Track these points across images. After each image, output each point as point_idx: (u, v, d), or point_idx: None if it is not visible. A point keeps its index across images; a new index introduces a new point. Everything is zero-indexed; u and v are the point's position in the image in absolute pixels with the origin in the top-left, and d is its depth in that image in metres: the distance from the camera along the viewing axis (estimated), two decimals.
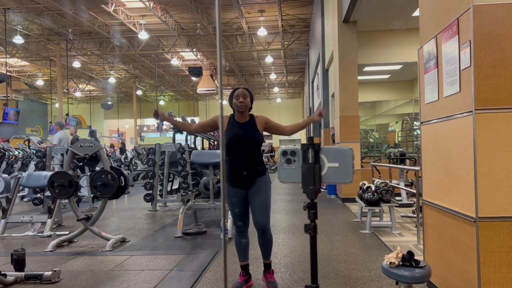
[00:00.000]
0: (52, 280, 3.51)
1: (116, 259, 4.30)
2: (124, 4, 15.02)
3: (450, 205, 2.71)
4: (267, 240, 3.23)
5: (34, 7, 14.76)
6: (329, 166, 2.02)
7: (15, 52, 20.07)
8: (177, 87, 28.92)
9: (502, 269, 2.33)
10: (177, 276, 3.67)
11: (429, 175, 3.12)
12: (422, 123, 3.21)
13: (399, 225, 5.83)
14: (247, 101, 3.18)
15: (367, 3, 7.46)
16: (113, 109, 30.62)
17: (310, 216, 2.05)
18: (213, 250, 4.53)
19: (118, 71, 25.58)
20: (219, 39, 1.53)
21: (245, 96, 3.17)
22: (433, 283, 3.01)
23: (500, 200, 2.33)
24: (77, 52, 20.08)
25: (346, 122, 8.39)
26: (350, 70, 8.39)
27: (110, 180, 4.72)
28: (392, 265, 2.40)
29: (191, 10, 14.72)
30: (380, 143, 15.38)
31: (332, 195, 9.46)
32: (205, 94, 27.89)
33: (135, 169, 14.45)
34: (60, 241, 4.87)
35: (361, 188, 6.00)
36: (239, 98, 3.16)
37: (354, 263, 3.96)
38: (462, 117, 2.49)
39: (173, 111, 10.01)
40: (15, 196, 5.83)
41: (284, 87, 30.63)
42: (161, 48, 19.93)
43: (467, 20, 2.40)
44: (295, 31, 18.42)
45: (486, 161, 2.34)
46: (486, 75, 2.34)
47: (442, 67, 2.77)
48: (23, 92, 28.27)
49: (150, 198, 7.73)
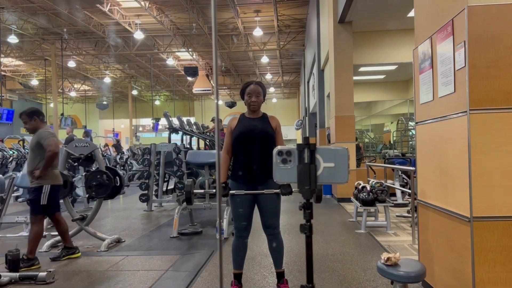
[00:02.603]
0: (47, 281, 3.49)
1: (112, 259, 4.28)
2: (119, 4, 14.96)
3: (445, 205, 2.72)
4: (279, 244, 3.06)
5: (28, 7, 14.67)
6: (324, 166, 2.03)
7: (10, 51, 19.94)
8: (172, 87, 28.86)
9: (496, 269, 2.35)
10: (173, 276, 3.67)
11: (424, 175, 3.14)
12: (417, 123, 3.23)
13: (394, 225, 5.85)
14: (260, 100, 3.03)
15: (362, 4, 7.47)
16: (108, 109, 30.47)
17: (306, 216, 2.05)
18: (208, 250, 4.53)
19: (113, 71, 25.48)
20: (215, 39, 1.53)
21: (258, 94, 3.01)
22: (428, 282, 3.02)
23: (494, 200, 2.35)
24: (72, 52, 19.98)
25: (341, 122, 8.41)
26: (346, 71, 8.41)
27: (105, 180, 4.71)
28: (389, 261, 2.39)
29: (187, 10, 14.69)
30: (375, 143, 15.44)
31: (328, 195, 9.48)
32: (201, 94, 27.85)
33: (130, 169, 14.40)
34: (55, 242, 4.84)
35: (356, 188, 6.02)
36: (251, 97, 3.00)
37: (349, 262, 3.97)
38: (457, 117, 2.50)
39: (168, 111, 9.98)
40: (9, 196, 5.79)
41: (280, 87, 30.63)
42: (156, 48, 19.88)
43: (462, 21, 2.41)
44: (290, 31, 18.43)
45: (481, 161, 2.36)
46: (480, 75, 2.36)
47: (437, 68, 2.78)
48: (18, 92, 28.08)
49: (145, 198, 7.70)
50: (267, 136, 3.01)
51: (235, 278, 3.13)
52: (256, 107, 3.03)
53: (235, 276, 3.13)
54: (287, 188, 2.79)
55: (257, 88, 3.02)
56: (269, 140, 3.00)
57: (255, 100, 3.00)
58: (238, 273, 3.13)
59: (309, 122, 16.79)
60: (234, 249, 3.10)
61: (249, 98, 3.01)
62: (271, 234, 3.06)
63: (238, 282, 3.12)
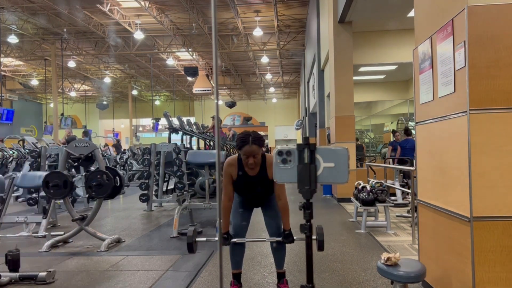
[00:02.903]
0: (47, 281, 3.49)
1: (112, 259, 4.28)
2: (119, 4, 14.96)
3: (445, 205, 2.72)
4: (281, 245, 3.07)
5: (28, 7, 14.67)
6: (324, 166, 2.03)
7: (10, 51, 19.94)
8: (172, 87, 28.85)
9: (496, 269, 2.35)
10: (173, 276, 3.67)
11: (424, 175, 3.14)
12: (417, 123, 3.23)
13: (394, 225, 5.85)
14: (257, 159, 2.86)
15: (362, 4, 7.47)
16: (108, 109, 30.47)
17: (306, 216, 2.05)
18: (208, 250, 4.53)
19: (113, 71, 25.48)
20: (215, 39, 1.53)
21: (255, 155, 2.83)
22: (428, 282, 3.02)
23: (494, 200, 2.35)
24: (72, 52, 19.98)
25: (341, 122, 8.41)
26: (346, 71, 8.41)
27: (105, 180, 4.71)
28: (389, 261, 2.39)
29: (187, 10, 14.69)
30: (375, 143, 15.45)
31: (328, 195, 9.48)
32: (201, 94, 27.85)
33: (130, 169, 14.40)
34: (55, 242, 4.85)
35: (356, 188, 6.02)
36: (248, 159, 2.83)
37: (349, 262, 3.97)
38: (457, 117, 2.50)
39: (168, 111, 9.98)
40: (9, 196, 5.79)
41: (280, 87, 30.63)
42: (156, 48, 19.88)
43: (462, 21, 2.41)
44: (290, 31, 18.43)
45: (481, 161, 2.36)
46: (480, 75, 2.36)
47: (437, 68, 2.78)
48: (18, 92, 28.08)
49: (145, 198, 7.70)
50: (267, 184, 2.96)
51: (234, 278, 3.13)
52: (254, 166, 2.90)
53: (234, 276, 3.13)
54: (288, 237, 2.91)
55: (254, 149, 2.81)
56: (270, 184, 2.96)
57: (253, 162, 2.84)
58: (237, 273, 3.13)
59: (309, 122, 16.80)
60: (231, 249, 3.09)
61: (246, 159, 2.85)
62: (275, 234, 3.07)
63: (237, 282, 3.12)
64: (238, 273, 3.14)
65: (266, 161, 2.94)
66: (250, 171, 2.94)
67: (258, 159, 2.87)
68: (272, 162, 2.96)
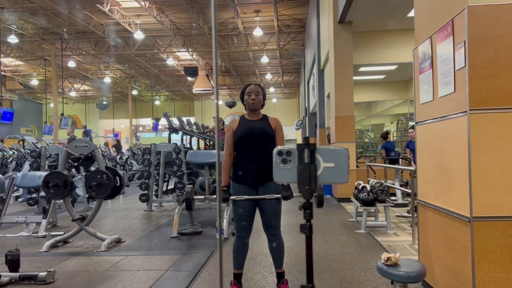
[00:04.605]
0: (47, 281, 3.49)
1: (112, 259, 4.28)
2: (119, 4, 14.97)
3: (445, 205, 2.72)
4: (279, 245, 3.06)
5: (28, 6, 14.68)
6: (324, 166, 2.03)
7: (10, 51, 19.94)
8: (172, 87, 28.86)
9: (496, 269, 2.35)
10: (173, 276, 3.67)
11: (424, 175, 3.14)
12: (417, 123, 3.23)
13: (394, 225, 5.85)
14: (259, 99, 3.04)
15: (362, 4, 7.47)
16: (108, 109, 30.47)
17: (306, 216, 2.05)
18: (208, 250, 4.53)
19: (113, 71, 25.48)
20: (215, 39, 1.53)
21: (257, 93, 3.03)
22: (428, 282, 3.03)
23: (494, 200, 2.35)
24: (72, 52, 19.98)
25: (341, 122, 8.41)
26: (346, 70, 8.41)
27: (105, 180, 4.71)
28: (389, 261, 2.39)
29: (187, 10, 14.69)
30: (375, 143, 15.44)
31: (328, 195, 9.48)
32: (201, 94, 27.86)
33: (130, 169, 14.40)
34: (55, 242, 4.85)
35: (356, 188, 6.02)
36: (251, 95, 3.02)
37: (349, 262, 3.97)
38: (457, 117, 2.50)
39: (168, 111, 9.98)
40: (9, 196, 5.79)
41: (280, 87, 30.64)
42: (156, 48, 19.88)
43: (462, 21, 2.41)
44: (290, 31, 18.43)
45: (481, 161, 2.36)
46: (480, 75, 2.36)
47: (437, 68, 2.78)
48: (18, 92, 28.10)
49: (145, 198, 7.71)
50: (267, 138, 3.01)
51: (234, 278, 3.13)
52: (255, 105, 3.03)
53: (235, 276, 3.13)
54: (287, 190, 2.82)
55: (256, 88, 3.05)
56: (270, 142, 3.01)
57: (254, 98, 3.01)
58: (238, 273, 3.13)
59: (309, 122, 16.79)
60: (234, 249, 3.09)
61: (248, 97, 3.03)
62: (271, 234, 3.06)
63: (237, 282, 3.12)
64: (239, 274, 3.14)
65: (269, 118, 3.13)
66: (252, 115, 3.08)
67: (259, 99, 3.05)
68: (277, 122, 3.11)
